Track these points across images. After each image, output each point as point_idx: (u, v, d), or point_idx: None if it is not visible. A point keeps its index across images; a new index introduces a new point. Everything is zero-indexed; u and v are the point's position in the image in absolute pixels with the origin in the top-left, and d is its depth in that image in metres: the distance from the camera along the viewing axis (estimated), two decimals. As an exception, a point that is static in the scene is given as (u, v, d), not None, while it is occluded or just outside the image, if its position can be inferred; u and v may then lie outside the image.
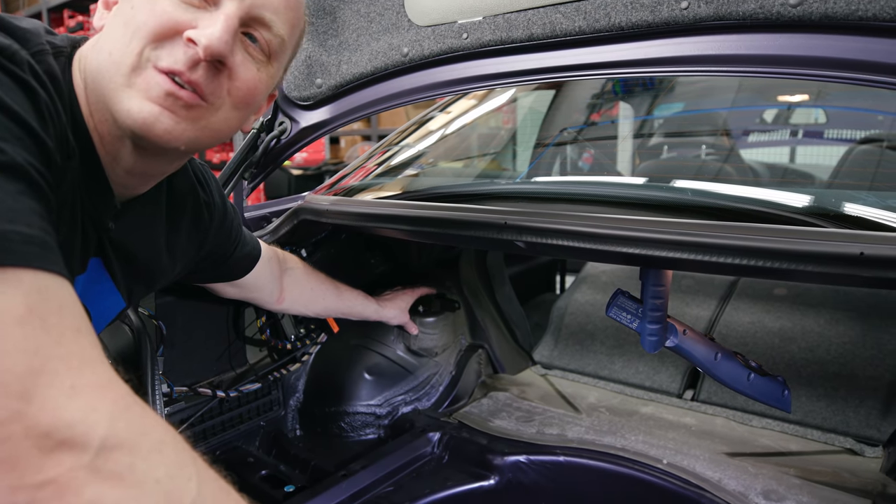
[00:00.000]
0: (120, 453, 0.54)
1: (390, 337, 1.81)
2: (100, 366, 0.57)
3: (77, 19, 5.82)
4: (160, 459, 0.56)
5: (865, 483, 1.34)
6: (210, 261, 1.20)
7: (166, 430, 0.60)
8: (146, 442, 0.56)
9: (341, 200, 1.60)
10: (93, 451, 0.52)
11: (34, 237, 0.56)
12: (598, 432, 1.57)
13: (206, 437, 1.54)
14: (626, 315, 1.23)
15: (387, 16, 1.34)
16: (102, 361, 0.58)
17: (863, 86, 0.88)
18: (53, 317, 0.55)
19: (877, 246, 0.85)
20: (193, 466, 0.59)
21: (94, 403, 0.54)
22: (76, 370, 0.54)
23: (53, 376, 0.52)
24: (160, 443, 0.57)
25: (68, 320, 0.56)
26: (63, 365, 0.53)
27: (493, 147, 2.78)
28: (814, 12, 0.88)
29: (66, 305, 0.57)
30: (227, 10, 0.77)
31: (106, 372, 0.57)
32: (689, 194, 1.42)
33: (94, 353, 0.57)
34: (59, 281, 0.57)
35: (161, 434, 0.58)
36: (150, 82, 0.75)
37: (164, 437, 0.59)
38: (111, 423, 0.54)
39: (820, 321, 1.78)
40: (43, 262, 0.56)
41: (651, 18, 1.02)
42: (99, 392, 0.55)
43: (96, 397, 0.54)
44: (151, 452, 0.56)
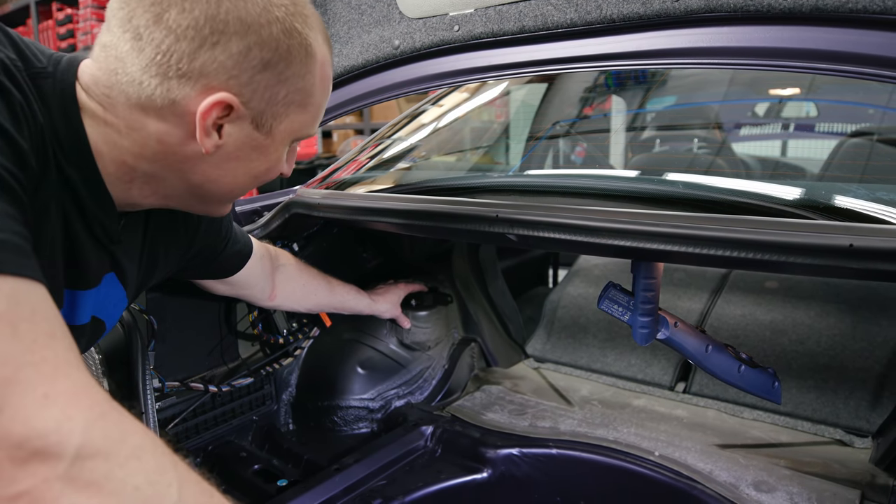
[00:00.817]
0: (96, 461, 0.53)
1: (383, 331, 1.81)
2: (75, 372, 0.56)
3: (66, 12, 5.75)
4: (139, 466, 0.56)
5: (855, 473, 1.35)
6: (200, 258, 1.20)
7: (145, 436, 0.59)
8: (123, 449, 0.55)
9: (333, 194, 1.60)
10: (68, 461, 0.51)
11: (5, 241, 0.55)
12: (591, 425, 1.57)
13: (199, 431, 1.54)
14: (617, 308, 1.23)
15: (378, 8, 1.33)
16: (78, 367, 0.57)
17: (853, 78, 0.89)
18: (25, 323, 0.54)
19: (866, 238, 0.85)
20: (174, 471, 0.59)
21: (69, 412, 0.53)
22: (49, 378, 0.53)
23: (25, 385, 0.51)
24: (138, 449, 0.57)
25: (41, 326, 0.55)
26: (35, 373, 0.52)
27: (485, 140, 2.78)
28: (805, 4, 0.88)
29: (39, 311, 0.56)
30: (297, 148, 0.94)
31: (81, 378, 0.56)
32: (681, 187, 1.43)
33: (68, 358, 0.56)
34: (32, 286, 0.56)
35: (139, 440, 0.58)
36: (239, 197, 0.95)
37: (142, 442, 0.58)
38: (86, 431, 0.53)
39: (810, 313, 1.79)
40: (15, 266, 0.55)
41: (643, 10, 1.02)
42: (73, 399, 0.54)
43: (70, 405, 0.53)
44: (129, 459, 0.55)
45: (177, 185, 0.85)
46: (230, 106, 0.77)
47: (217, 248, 1.21)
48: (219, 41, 0.74)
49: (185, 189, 0.86)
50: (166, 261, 1.09)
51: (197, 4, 0.73)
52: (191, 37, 0.73)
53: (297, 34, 0.79)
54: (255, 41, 0.75)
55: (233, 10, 0.74)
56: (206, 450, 1.55)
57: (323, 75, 0.85)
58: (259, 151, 0.84)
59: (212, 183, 0.85)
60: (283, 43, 0.77)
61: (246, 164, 0.84)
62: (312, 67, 0.82)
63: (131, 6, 0.74)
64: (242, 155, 0.83)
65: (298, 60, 0.80)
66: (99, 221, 0.84)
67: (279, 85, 0.79)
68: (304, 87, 0.83)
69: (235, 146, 0.81)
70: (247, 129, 0.81)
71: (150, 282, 1.10)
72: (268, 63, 0.77)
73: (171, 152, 0.80)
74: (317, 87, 0.84)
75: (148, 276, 1.06)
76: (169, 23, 0.72)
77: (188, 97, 0.75)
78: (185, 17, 0.72)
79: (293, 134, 0.86)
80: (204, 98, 0.75)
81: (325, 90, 0.87)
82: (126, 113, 0.77)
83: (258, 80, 0.77)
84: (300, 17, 0.80)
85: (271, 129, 0.83)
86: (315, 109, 0.87)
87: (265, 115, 0.81)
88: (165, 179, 0.84)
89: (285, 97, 0.81)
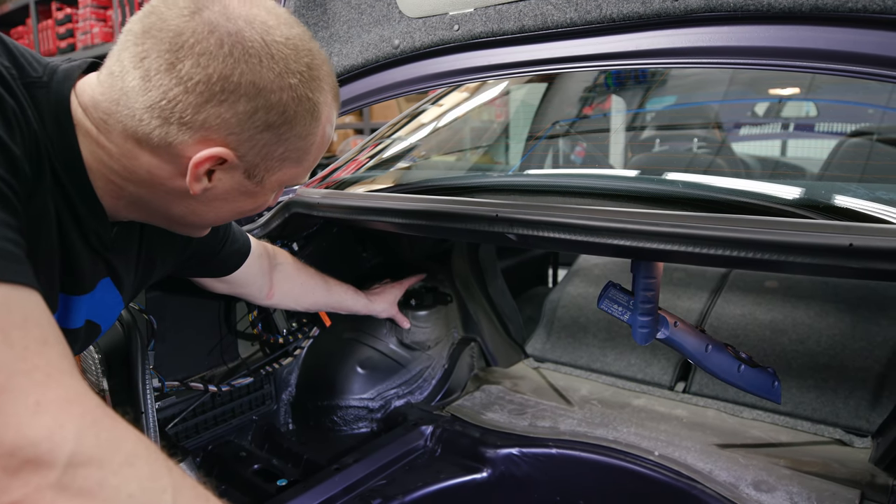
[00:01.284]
0: (89, 469, 0.53)
1: (383, 330, 1.81)
2: (67, 379, 0.56)
3: (65, 11, 5.75)
4: (132, 473, 0.56)
5: (854, 473, 1.35)
6: (198, 258, 1.20)
7: (138, 442, 0.59)
8: (117, 456, 0.55)
9: (333, 193, 1.59)
10: (60, 469, 0.51)
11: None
12: (591, 425, 1.57)
13: (199, 431, 1.54)
14: (617, 307, 1.23)
15: (378, 7, 1.33)
16: (71, 374, 0.57)
17: (853, 78, 0.88)
18: (17, 330, 0.53)
19: (865, 237, 0.85)
20: (168, 477, 0.59)
21: (61, 419, 0.53)
22: (41, 385, 0.53)
23: (17, 393, 0.51)
24: (132, 455, 0.56)
25: (34, 333, 0.55)
26: (27, 380, 0.52)
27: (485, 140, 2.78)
28: (804, 3, 0.88)
29: (32, 317, 0.56)
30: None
31: (74, 385, 0.56)
32: (680, 186, 1.42)
33: (61, 365, 0.56)
34: (25, 292, 0.56)
35: (133, 446, 0.57)
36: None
37: (135, 449, 0.58)
38: (78, 439, 0.53)
39: (810, 313, 1.79)
40: (7, 273, 0.55)
41: (642, 10, 1.02)
42: (65, 407, 0.54)
43: (62, 413, 0.53)
44: (123, 466, 0.55)
45: (161, 210, 0.85)
46: (224, 160, 0.77)
47: (215, 248, 1.21)
48: (227, 100, 0.73)
49: (169, 216, 0.87)
50: (163, 263, 1.10)
51: (213, 62, 0.72)
52: (199, 91, 0.72)
53: (306, 101, 0.79)
54: (262, 104, 0.75)
55: (248, 73, 0.73)
56: (206, 449, 1.55)
57: (324, 134, 0.85)
58: (247, 196, 0.85)
59: (195, 215, 0.86)
60: (290, 108, 0.77)
61: (232, 205, 0.86)
62: (314, 129, 0.82)
63: (147, 46, 0.73)
64: (230, 198, 0.84)
65: (302, 123, 0.80)
66: (93, 229, 0.84)
67: (278, 144, 0.80)
68: (303, 147, 0.83)
69: (224, 190, 0.82)
70: (238, 178, 0.81)
71: (147, 283, 1.10)
72: (271, 125, 0.77)
73: (159, 184, 0.80)
74: (315, 145, 0.85)
75: (145, 278, 1.06)
76: (181, 73, 0.72)
77: (185, 143, 0.75)
78: (199, 72, 0.72)
79: (284, 183, 0.87)
80: (200, 148, 0.75)
81: (323, 146, 0.87)
82: (120, 141, 0.77)
83: (258, 138, 0.77)
84: (314, 82, 0.79)
85: (263, 179, 0.83)
86: (310, 164, 0.87)
87: (259, 167, 0.81)
88: (150, 203, 0.84)
89: (282, 154, 0.81)
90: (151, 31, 0.73)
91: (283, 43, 0.75)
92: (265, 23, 0.75)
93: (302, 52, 0.77)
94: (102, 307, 0.94)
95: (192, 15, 0.72)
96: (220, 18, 0.72)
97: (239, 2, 0.75)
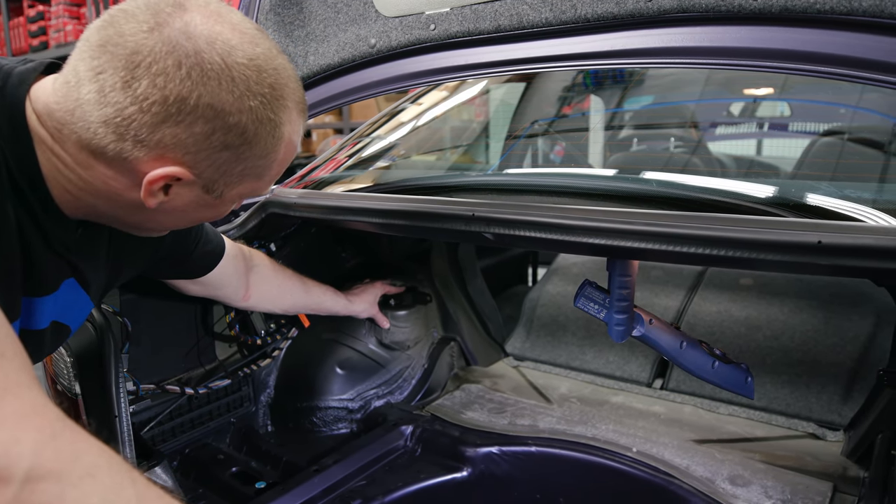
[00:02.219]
0: (47, 483, 0.52)
1: (362, 331, 1.80)
2: (25, 392, 0.55)
3: (38, 9, 5.65)
4: (93, 486, 0.55)
5: (827, 466, 1.38)
6: (170, 260, 1.19)
7: (100, 454, 0.58)
8: (77, 468, 0.54)
9: (310, 193, 1.59)
10: (17, 484, 0.51)
11: None
12: (570, 422, 1.59)
13: (175, 434, 1.52)
14: (593, 305, 1.24)
15: (354, 6, 1.33)
16: (29, 387, 0.56)
17: (822, 78, 0.90)
18: None
19: (834, 234, 0.87)
20: (132, 487, 0.58)
21: (17, 434, 0.52)
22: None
23: None
24: (93, 467, 0.56)
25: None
26: None
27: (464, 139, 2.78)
28: (774, 5, 0.90)
29: None
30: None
31: (32, 398, 0.55)
32: (655, 185, 1.44)
33: (19, 378, 0.55)
34: None
35: (94, 458, 0.57)
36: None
37: (97, 461, 0.57)
38: (36, 453, 0.52)
39: (784, 310, 1.82)
40: None
41: (616, 10, 1.03)
42: (22, 421, 0.53)
43: (19, 427, 0.53)
44: (83, 479, 0.54)
45: (119, 218, 0.85)
46: (179, 178, 0.76)
47: (188, 248, 1.19)
48: (183, 121, 0.71)
49: (127, 223, 0.87)
50: (133, 264, 1.08)
51: (170, 83, 0.69)
52: (155, 112, 0.70)
53: (267, 122, 0.77)
54: (220, 126, 0.73)
55: (206, 95, 0.71)
56: (183, 453, 1.53)
57: (287, 151, 0.83)
58: (206, 207, 0.84)
59: (153, 223, 0.86)
60: (250, 129, 0.75)
61: (191, 215, 0.85)
62: (276, 147, 0.80)
63: (103, 60, 0.70)
64: (189, 210, 0.83)
65: (262, 143, 0.78)
66: (55, 233, 0.82)
67: (237, 162, 0.78)
68: (264, 164, 0.81)
69: (183, 203, 0.81)
70: (196, 192, 0.80)
71: (116, 283, 1.08)
72: (229, 145, 0.75)
73: (115, 195, 0.78)
74: (276, 162, 0.83)
75: (114, 278, 1.04)
76: (137, 93, 0.70)
77: (140, 160, 0.73)
78: (155, 93, 0.69)
79: (244, 196, 0.86)
80: (156, 166, 0.74)
81: (285, 161, 0.85)
82: (75, 151, 0.75)
83: (215, 157, 0.75)
84: (277, 102, 0.77)
85: (222, 193, 0.82)
86: (271, 177, 0.85)
87: (217, 183, 0.79)
88: (108, 213, 0.83)
89: (241, 171, 0.79)
90: (108, 45, 0.70)
91: (244, 64, 0.73)
92: (227, 42, 0.72)
93: (265, 72, 0.75)
94: (69, 308, 0.92)
95: (151, 31, 0.70)
96: (179, 37, 0.70)
97: (203, 17, 0.72)
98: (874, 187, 1.40)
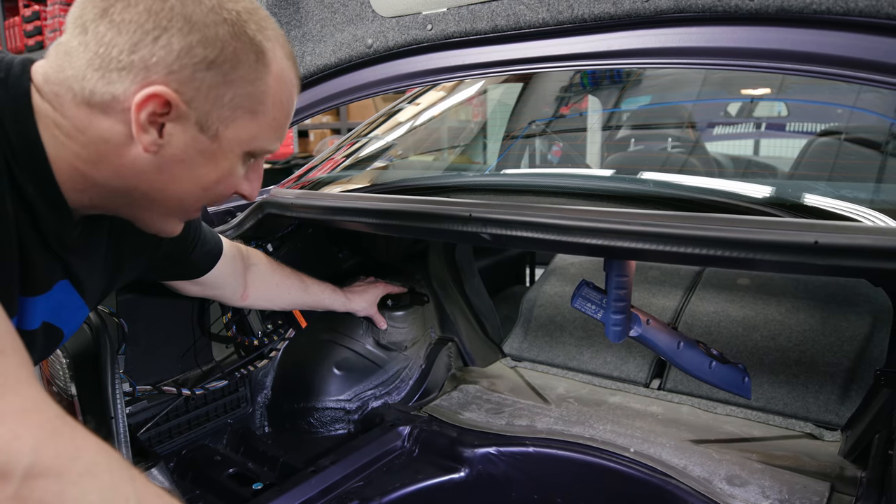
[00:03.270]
0: (47, 480, 0.52)
1: (359, 331, 1.80)
2: (25, 388, 0.55)
3: (33, 8, 5.63)
4: (93, 483, 0.55)
5: (824, 466, 1.38)
6: (168, 261, 1.18)
7: (100, 451, 0.58)
8: (76, 466, 0.54)
9: (306, 194, 1.58)
10: (17, 481, 0.51)
11: None
12: (567, 423, 1.58)
13: (172, 436, 1.52)
14: (590, 305, 1.24)
15: (351, 6, 1.32)
16: (29, 383, 0.56)
17: (817, 78, 0.90)
18: None
19: (830, 234, 0.87)
20: (131, 485, 0.58)
21: (17, 430, 0.52)
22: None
23: None
24: (92, 465, 0.56)
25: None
26: None
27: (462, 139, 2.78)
28: (770, 5, 0.89)
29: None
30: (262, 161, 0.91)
31: (32, 395, 0.55)
32: (652, 185, 1.44)
33: (19, 375, 0.55)
34: None
35: (93, 456, 0.57)
36: (193, 214, 0.91)
37: (96, 458, 0.57)
38: (36, 450, 0.52)
39: (781, 310, 1.82)
40: None
41: (613, 10, 1.03)
42: (22, 417, 0.53)
43: (19, 423, 0.53)
44: (82, 476, 0.54)
45: (126, 194, 0.82)
46: (169, 102, 0.74)
47: (185, 250, 1.19)
48: (160, 36, 0.72)
49: (135, 200, 0.83)
50: (132, 266, 1.08)
51: (143, 1, 0.72)
52: (132, 31, 0.72)
53: (246, 38, 0.77)
54: (198, 39, 0.74)
55: (178, 6, 0.73)
56: (180, 454, 1.53)
57: (280, 88, 0.82)
58: (206, 157, 0.80)
59: (158, 192, 0.82)
60: (229, 44, 0.76)
61: (192, 171, 0.81)
62: (264, 75, 0.80)
63: (83, 3, 0.74)
64: (187, 158, 0.79)
65: (247, 64, 0.78)
66: (53, 230, 0.81)
67: (225, 86, 0.77)
68: (254, 93, 0.80)
69: (179, 148, 0.78)
70: (191, 131, 0.78)
71: (114, 287, 1.08)
72: (212, 62, 0.75)
73: (116, 154, 0.77)
74: (269, 96, 0.81)
75: (112, 281, 1.04)
76: (113, 16, 0.72)
77: (127, 92, 0.73)
78: (129, 12, 0.72)
79: (244, 144, 0.83)
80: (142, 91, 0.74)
81: (280, 103, 0.84)
82: (73, 111, 0.75)
83: (201, 78, 0.75)
84: (254, 24, 0.78)
85: (218, 133, 0.79)
86: (269, 120, 0.83)
87: (210, 116, 0.78)
88: (116, 190, 0.81)
89: (231, 100, 0.78)
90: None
91: None
92: None
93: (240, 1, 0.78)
94: (62, 310, 0.92)
95: None
96: None
97: None
98: (871, 187, 1.40)
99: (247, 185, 0.89)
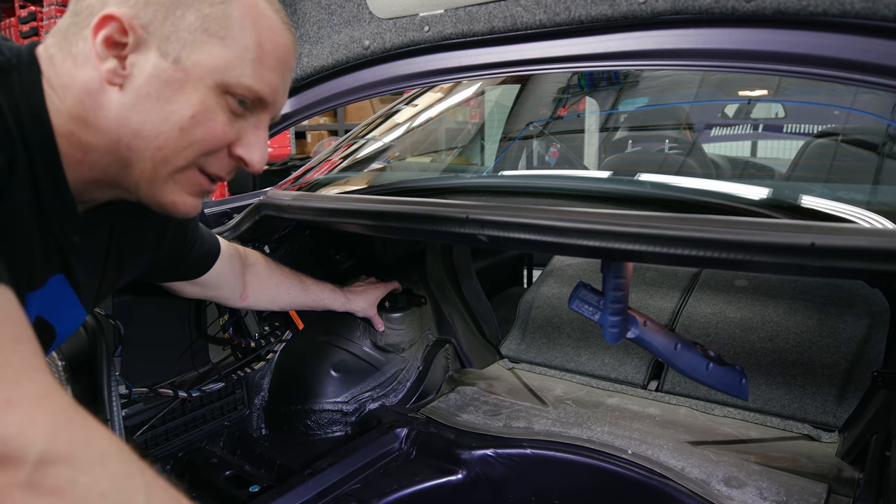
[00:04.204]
0: (60, 467, 0.52)
1: (356, 333, 1.79)
2: (40, 376, 0.55)
3: (29, 9, 5.61)
4: (104, 472, 0.55)
5: (822, 467, 1.38)
6: (167, 261, 1.18)
7: (111, 442, 0.58)
8: (89, 454, 0.55)
9: (304, 195, 1.58)
10: (30, 467, 0.51)
11: None
12: (565, 424, 1.58)
13: (169, 438, 1.51)
14: (587, 307, 1.24)
15: (348, 8, 1.32)
16: (43, 371, 0.56)
17: (813, 79, 0.90)
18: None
19: (827, 236, 0.87)
20: (141, 477, 0.58)
21: (32, 417, 0.52)
22: (12, 382, 0.53)
23: None
24: (104, 455, 0.56)
25: (6, 330, 0.55)
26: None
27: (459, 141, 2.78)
28: (767, 7, 0.90)
29: (4, 314, 0.55)
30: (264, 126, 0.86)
31: (46, 383, 0.56)
32: (650, 187, 1.44)
33: (34, 363, 0.56)
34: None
35: (105, 445, 0.57)
36: (194, 181, 0.82)
37: (108, 448, 0.57)
38: (50, 437, 0.52)
39: (779, 311, 1.82)
40: None
41: (610, 12, 1.03)
42: (37, 404, 0.53)
43: (34, 410, 0.53)
44: (94, 465, 0.54)
45: (114, 151, 0.78)
46: (124, 29, 0.73)
47: (183, 250, 1.19)
48: None
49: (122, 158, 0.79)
50: (133, 267, 1.07)
51: None
52: None
53: None
54: None
55: None
56: (177, 456, 1.52)
57: (249, 14, 0.78)
58: (173, 88, 0.75)
59: (135, 135, 0.76)
60: None
61: (163, 105, 0.76)
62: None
63: None
64: (154, 91, 0.75)
65: None
66: (57, 219, 0.81)
67: (183, 7, 0.75)
68: (217, 16, 0.76)
69: (145, 79, 0.75)
70: (153, 59, 0.75)
71: (113, 288, 1.07)
72: None
73: (96, 106, 0.75)
74: (236, 20, 0.77)
75: (111, 282, 1.03)
76: None
77: (92, 27, 0.75)
78: None
79: (215, 73, 0.76)
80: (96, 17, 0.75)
81: (253, 32, 0.78)
82: (64, 67, 0.76)
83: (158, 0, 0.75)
84: None
85: (180, 58, 0.75)
86: (240, 49, 0.77)
87: (170, 40, 0.74)
88: (107, 151, 0.78)
89: (192, 23, 0.75)
90: None
91: None
92: None
93: None
94: (56, 307, 0.91)
95: None
96: None
97: None
98: (868, 189, 1.40)
99: (243, 147, 0.83)
